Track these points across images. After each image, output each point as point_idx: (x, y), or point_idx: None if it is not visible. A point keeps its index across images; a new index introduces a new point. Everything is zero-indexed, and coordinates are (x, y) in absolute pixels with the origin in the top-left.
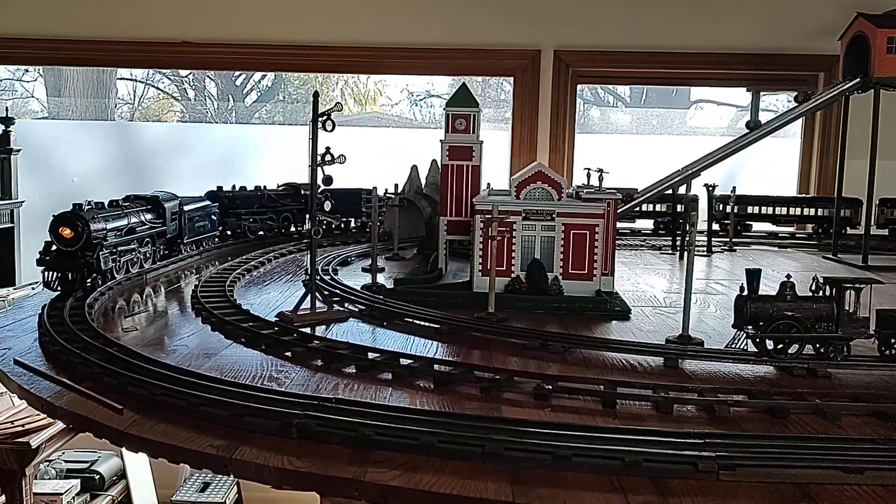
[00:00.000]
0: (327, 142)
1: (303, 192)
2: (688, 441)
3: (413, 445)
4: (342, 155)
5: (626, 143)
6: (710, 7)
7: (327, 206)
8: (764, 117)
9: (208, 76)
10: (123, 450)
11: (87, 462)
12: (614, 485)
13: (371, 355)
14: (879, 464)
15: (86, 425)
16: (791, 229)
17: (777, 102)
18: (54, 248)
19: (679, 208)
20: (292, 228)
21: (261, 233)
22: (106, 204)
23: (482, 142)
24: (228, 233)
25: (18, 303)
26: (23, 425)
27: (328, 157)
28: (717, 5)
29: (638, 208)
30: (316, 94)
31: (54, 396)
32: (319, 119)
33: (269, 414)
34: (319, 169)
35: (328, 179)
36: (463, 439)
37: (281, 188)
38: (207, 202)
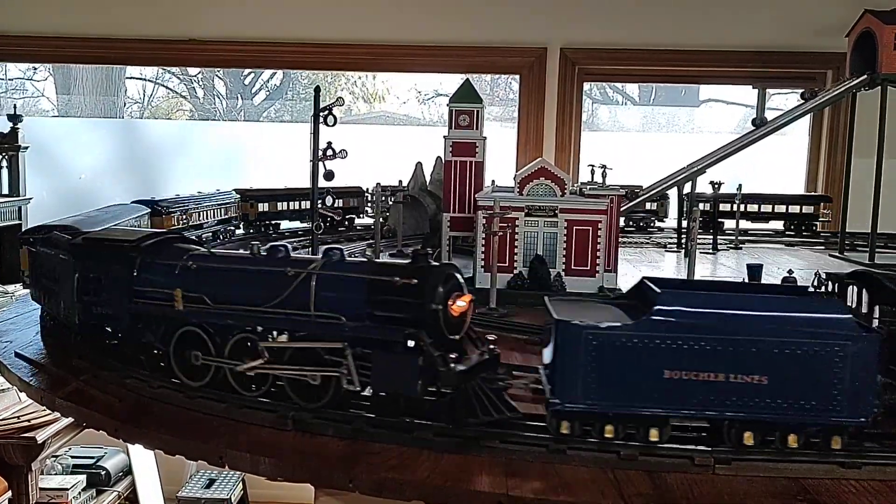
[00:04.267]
0: (331, 138)
1: None
2: (684, 435)
3: (408, 438)
4: (343, 150)
5: (635, 141)
6: (718, 5)
7: (328, 200)
8: (771, 116)
9: (217, 75)
10: (130, 446)
11: (93, 458)
12: (609, 478)
13: None
14: (877, 459)
15: (84, 417)
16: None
17: (787, 102)
18: None
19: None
20: None
21: None
22: None
23: (485, 138)
24: None
25: (23, 298)
26: (29, 420)
27: (329, 153)
28: (724, 3)
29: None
30: (317, 90)
31: (54, 388)
32: (321, 114)
33: (265, 406)
34: (321, 164)
35: (330, 174)
36: (458, 431)
37: None
38: None
